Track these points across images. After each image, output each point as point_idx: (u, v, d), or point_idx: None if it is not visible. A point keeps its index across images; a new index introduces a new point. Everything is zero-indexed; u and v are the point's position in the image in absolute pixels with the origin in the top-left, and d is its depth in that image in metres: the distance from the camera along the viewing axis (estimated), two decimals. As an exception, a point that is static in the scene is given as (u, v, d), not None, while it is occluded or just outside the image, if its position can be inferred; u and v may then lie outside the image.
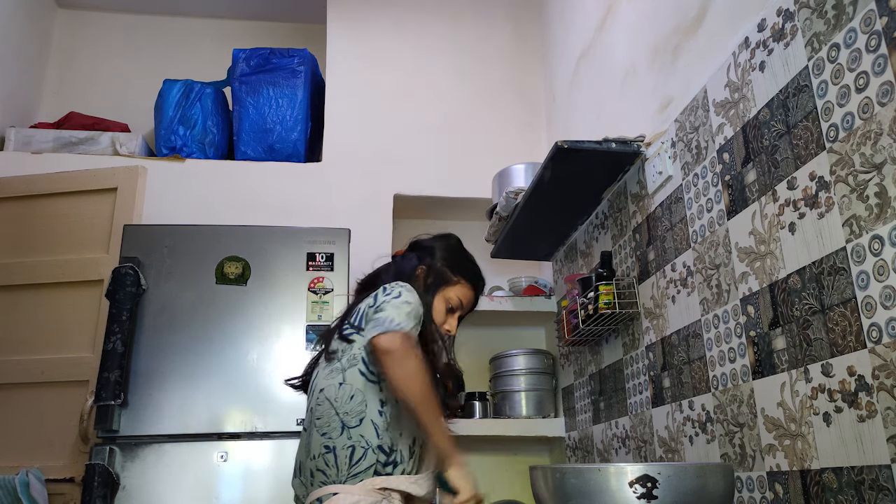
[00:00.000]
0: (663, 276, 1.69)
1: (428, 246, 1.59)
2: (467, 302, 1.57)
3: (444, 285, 1.53)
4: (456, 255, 1.59)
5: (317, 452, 1.34)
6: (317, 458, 1.34)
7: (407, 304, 1.35)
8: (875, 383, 0.99)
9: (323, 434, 1.34)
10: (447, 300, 1.53)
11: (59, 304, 2.40)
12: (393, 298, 1.35)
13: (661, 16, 1.78)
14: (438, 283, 1.52)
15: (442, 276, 1.53)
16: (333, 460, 1.31)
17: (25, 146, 2.78)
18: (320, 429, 1.35)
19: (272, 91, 2.90)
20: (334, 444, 1.32)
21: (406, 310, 1.33)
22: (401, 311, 1.32)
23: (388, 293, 1.38)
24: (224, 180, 2.77)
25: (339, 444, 1.32)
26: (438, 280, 1.53)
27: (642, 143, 1.81)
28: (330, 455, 1.32)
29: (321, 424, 1.35)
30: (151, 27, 3.45)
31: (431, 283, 1.52)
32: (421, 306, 1.39)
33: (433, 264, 1.54)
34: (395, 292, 1.37)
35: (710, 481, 0.99)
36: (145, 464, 2.00)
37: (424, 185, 2.86)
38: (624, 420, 1.92)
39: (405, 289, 1.39)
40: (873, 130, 1.00)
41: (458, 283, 1.55)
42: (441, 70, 3.08)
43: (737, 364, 1.36)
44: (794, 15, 1.20)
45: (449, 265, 1.55)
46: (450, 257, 1.57)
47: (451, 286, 1.54)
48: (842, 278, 1.06)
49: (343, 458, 1.31)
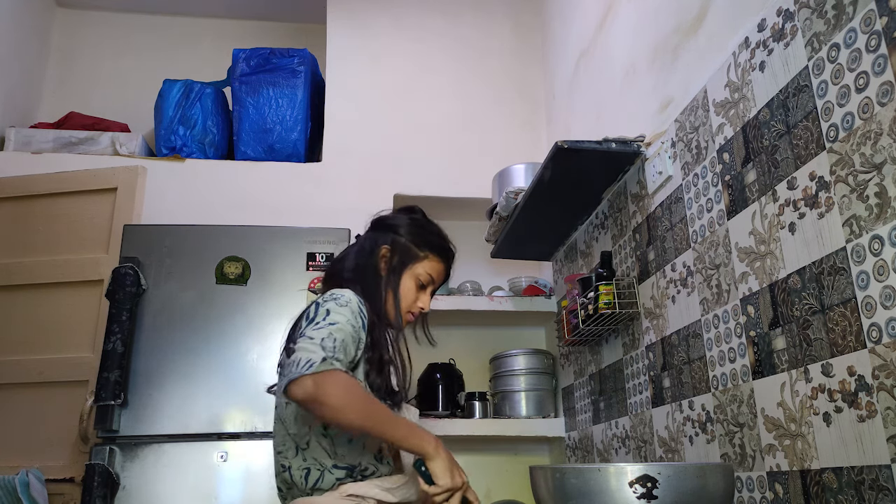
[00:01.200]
0: (663, 276, 1.69)
1: (391, 223, 1.49)
2: (438, 275, 1.48)
3: (411, 262, 1.44)
4: (421, 229, 1.48)
5: (276, 470, 1.29)
6: (278, 476, 1.29)
7: (333, 326, 1.19)
8: (875, 383, 0.99)
9: (279, 453, 1.29)
10: (416, 277, 1.44)
11: (58, 304, 2.40)
12: (320, 322, 1.21)
13: (662, 15, 1.78)
14: (405, 261, 1.43)
15: (408, 253, 1.44)
16: (291, 479, 1.26)
17: (25, 146, 2.78)
18: (276, 447, 1.30)
19: (272, 91, 2.90)
20: (290, 464, 1.26)
21: (327, 336, 1.17)
22: (318, 343, 1.15)
23: (316, 314, 1.24)
24: (224, 180, 2.77)
25: (295, 464, 1.25)
26: (404, 258, 1.43)
27: (642, 143, 1.81)
28: (287, 474, 1.26)
29: (276, 443, 1.30)
30: (151, 27, 3.45)
31: (397, 262, 1.43)
32: (359, 315, 1.26)
33: (397, 241, 1.44)
34: (322, 311, 1.23)
35: (710, 481, 0.99)
36: (145, 464, 2.00)
37: (424, 185, 2.86)
38: (624, 420, 1.92)
39: (337, 302, 1.25)
40: (873, 130, 1.00)
41: (425, 258, 1.45)
42: (441, 70, 3.08)
43: (737, 364, 1.36)
44: (794, 15, 1.20)
45: (414, 240, 1.45)
46: (414, 231, 1.47)
47: (419, 262, 1.44)
48: (842, 278, 1.06)
49: (299, 478, 1.25)
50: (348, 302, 1.27)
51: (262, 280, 2.20)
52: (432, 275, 1.47)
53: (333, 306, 1.24)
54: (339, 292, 1.29)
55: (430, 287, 1.48)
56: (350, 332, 1.22)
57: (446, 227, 3.28)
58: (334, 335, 1.18)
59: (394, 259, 1.43)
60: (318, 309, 1.25)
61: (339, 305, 1.25)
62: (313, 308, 1.27)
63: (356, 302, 1.28)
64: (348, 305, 1.26)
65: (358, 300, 1.29)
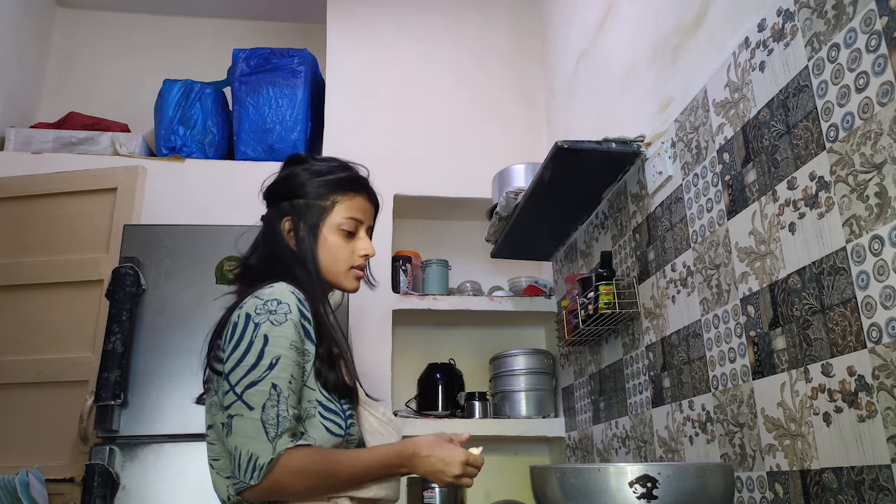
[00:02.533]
0: (663, 276, 1.69)
1: (279, 188, 1.28)
2: (363, 212, 1.27)
3: (322, 218, 1.23)
4: (314, 176, 1.26)
5: (227, 495, 1.10)
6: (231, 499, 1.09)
7: (272, 372, 1.03)
8: (875, 383, 0.99)
9: (228, 477, 1.08)
10: (337, 228, 1.23)
11: (58, 304, 2.40)
12: (257, 367, 1.03)
13: (662, 16, 1.78)
14: (315, 221, 1.22)
15: (313, 210, 1.23)
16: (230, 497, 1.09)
17: (25, 146, 2.78)
18: (222, 471, 1.11)
19: (272, 91, 2.90)
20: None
21: (268, 400, 1.02)
22: (258, 421, 1.00)
23: (250, 342, 1.05)
24: (224, 180, 2.77)
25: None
26: (312, 218, 1.22)
27: (642, 143, 1.81)
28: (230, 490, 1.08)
29: (222, 466, 1.11)
30: (151, 27, 3.45)
31: (305, 228, 1.22)
32: (299, 324, 1.10)
33: (295, 205, 1.23)
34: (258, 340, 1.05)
35: (710, 481, 0.99)
36: (145, 464, 2.00)
37: (424, 185, 2.86)
38: (624, 420, 1.92)
39: (274, 319, 1.07)
40: (873, 130, 1.00)
41: (336, 204, 1.24)
42: (441, 70, 3.08)
43: (737, 364, 1.36)
44: (794, 15, 1.20)
45: (312, 193, 1.24)
46: (309, 183, 1.25)
47: (331, 212, 1.23)
48: (842, 278, 1.06)
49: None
50: (287, 312, 1.08)
51: (262, 280, 2.20)
52: (355, 216, 1.25)
53: (269, 327, 1.06)
54: (270, 294, 1.11)
55: (361, 228, 1.27)
56: (293, 361, 1.07)
57: (446, 227, 3.29)
58: (279, 390, 1.03)
59: (300, 227, 1.22)
60: (250, 331, 1.06)
61: (275, 324, 1.07)
62: (243, 322, 1.08)
63: (294, 303, 1.11)
64: (288, 318, 1.08)
65: (296, 298, 1.12)
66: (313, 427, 1.09)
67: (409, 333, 2.84)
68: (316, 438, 1.08)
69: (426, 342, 2.84)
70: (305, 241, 1.22)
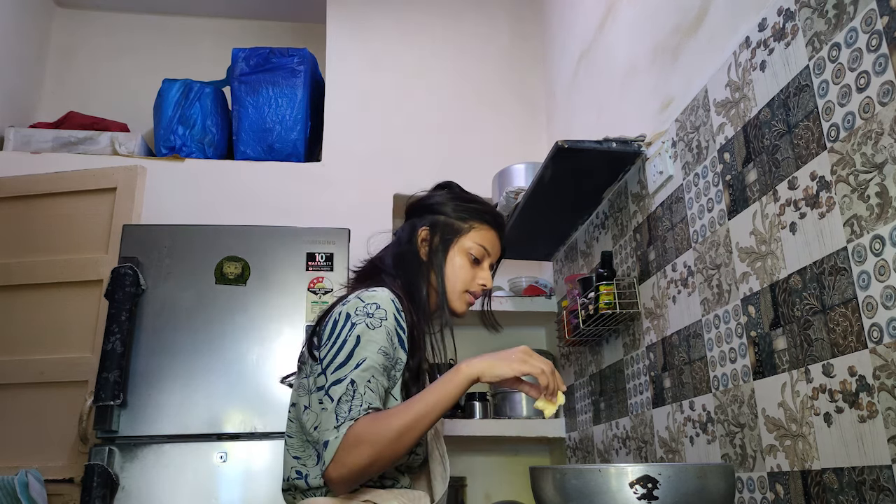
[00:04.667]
0: (664, 276, 1.69)
1: (424, 203, 1.36)
2: (492, 246, 1.34)
3: (456, 237, 1.30)
4: (460, 200, 1.35)
5: (288, 475, 1.19)
6: (288, 479, 1.19)
7: (357, 370, 1.08)
8: (876, 383, 0.99)
9: (296, 458, 1.18)
10: (467, 251, 1.30)
11: (58, 304, 2.40)
12: (345, 364, 1.08)
13: (662, 15, 1.78)
14: (450, 238, 1.30)
15: (450, 228, 1.31)
16: (307, 485, 1.16)
17: (24, 146, 2.77)
18: (292, 449, 1.20)
19: (272, 91, 2.90)
20: (307, 472, 1.17)
21: (345, 393, 1.06)
22: (332, 412, 1.04)
23: (344, 338, 1.10)
24: (223, 180, 2.77)
25: (313, 472, 1.16)
26: (448, 234, 1.30)
27: (643, 143, 1.81)
28: (301, 482, 1.16)
29: (293, 445, 1.20)
30: (151, 27, 3.45)
31: (440, 241, 1.30)
32: (395, 332, 1.14)
33: (436, 220, 1.31)
34: (352, 339, 1.10)
35: (711, 482, 0.99)
36: (145, 464, 1.99)
37: (424, 185, 2.80)
38: (624, 420, 1.92)
39: (370, 322, 1.12)
40: (874, 130, 1.00)
41: (472, 229, 1.32)
42: (441, 70, 3.07)
43: (737, 364, 1.36)
44: (795, 14, 1.20)
45: (455, 213, 1.32)
46: (453, 204, 1.33)
47: (466, 234, 1.31)
48: (843, 278, 1.06)
49: (316, 484, 1.15)
50: (383, 318, 1.13)
51: (262, 280, 2.20)
52: (485, 245, 1.33)
53: (363, 329, 1.11)
54: (371, 298, 1.15)
55: (486, 260, 1.34)
56: (380, 364, 1.10)
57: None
58: (354, 386, 1.06)
59: (435, 239, 1.30)
60: (346, 329, 1.11)
61: (371, 327, 1.11)
62: (343, 320, 1.13)
63: (392, 311, 1.15)
64: (383, 324, 1.12)
65: (395, 307, 1.16)
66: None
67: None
68: None
69: (426, 342, 2.83)
70: (436, 252, 1.30)
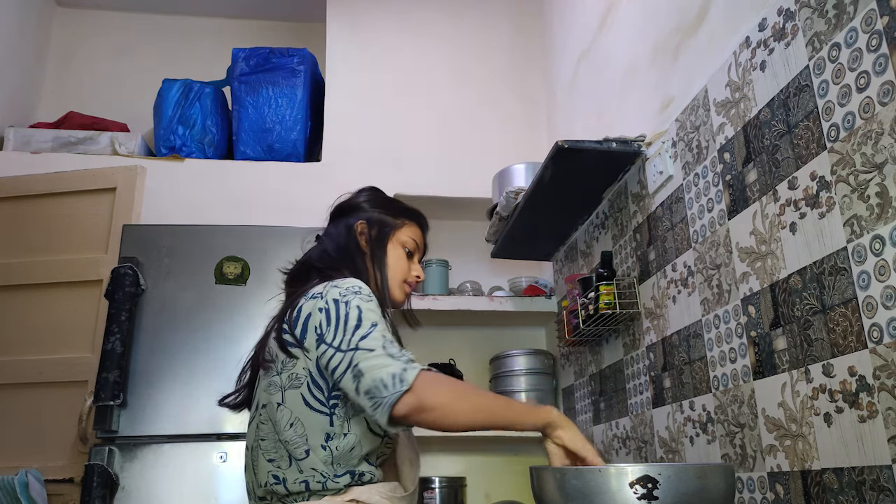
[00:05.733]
0: (664, 276, 1.69)
1: (353, 204, 1.41)
2: (420, 241, 1.41)
3: (391, 230, 1.36)
4: (386, 200, 1.42)
5: (265, 480, 1.16)
6: (266, 486, 1.15)
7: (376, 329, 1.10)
8: (876, 383, 0.99)
9: (270, 461, 1.15)
10: (402, 244, 1.37)
11: (58, 304, 2.40)
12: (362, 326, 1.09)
13: (662, 15, 1.78)
14: (386, 231, 1.36)
15: (384, 222, 1.36)
16: (285, 491, 1.14)
17: (24, 146, 2.77)
18: (266, 452, 1.16)
19: (272, 90, 2.89)
20: (284, 476, 1.13)
21: (382, 340, 1.08)
22: (384, 354, 1.06)
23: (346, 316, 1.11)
24: (223, 180, 2.77)
25: (290, 476, 1.13)
26: (384, 227, 1.36)
27: (643, 143, 1.81)
28: (280, 486, 1.14)
29: (267, 448, 1.16)
30: (151, 26, 3.45)
31: (377, 233, 1.35)
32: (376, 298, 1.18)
33: (370, 216, 1.37)
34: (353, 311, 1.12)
35: (711, 482, 0.99)
36: (144, 464, 2.00)
37: (424, 185, 2.85)
38: (624, 420, 1.92)
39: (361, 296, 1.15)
40: (874, 130, 1.00)
41: (404, 225, 1.38)
42: (441, 69, 3.07)
43: (737, 364, 1.36)
44: (795, 14, 1.20)
45: (384, 211, 1.38)
46: (381, 204, 1.40)
47: (399, 229, 1.37)
48: (843, 278, 1.06)
49: (296, 490, 1.13)
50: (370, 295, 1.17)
51: (262, 280, 2.20)
52: (415, 240, 1.40)
53: (360, 301, 1.13)
54: (347, 283, 1.18)
55: (416, 255, 1.41)
56: (387, 327, 1.14)
57: (446, 227, 3.29)
58: (386, 336, 1.09)
59: (372, 232, 1.35)
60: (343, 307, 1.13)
61: (365, 301, 1.14)
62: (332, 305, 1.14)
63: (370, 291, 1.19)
64: (373, 298, 1.16)
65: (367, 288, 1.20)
66: (358, 423, 1.15)
67: (408, 334, 2.82)
68: (356, 433, 1.14)
69: (426, 342, 2.84)
70: (376, 244, 1.34)
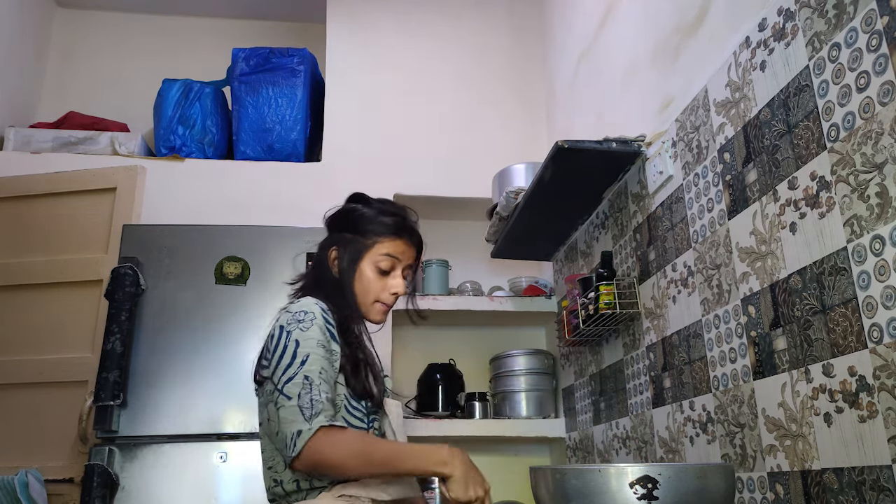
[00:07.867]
0: (664, 276, 1.69)
1: (335, 219, 1.44)
2: (401, 252, 1.39)
3: (361, 254, 1.37)
4: (360, 218, 1.40)
5: (268, 484, 1.28)
6: (269, 490, 1.27)
7: (304, 367, 1.19)
8: (876, 383, 0.99)
9: (269, 468, 1.27)
10: (375, 265, 1.37)
11: (58, 304, 2.40)
12: (291, 365, 1.19)
13: (662, 15, 1.77)
14: (356, 256, 1.37)
15: (356, 246, 1.37)
16: (283, 491, 1.24)
17: (24, 146, 2.77)
18: (265, 462, 1.29)
19: (272, 90, 2.89)
20: (281, 479, 1.24)
21: (302, 387, 1.17)
22: (296, 406, 1.15)
23: (284, 347, 1.22)
24: (223, 180, 2.77)
25: (286, 477, 1.23)
26: (353, 254, 1.37)
27: (643, 143, 1.81)
28: (279, 488, 1.25)
29: (265, 458, 1.29)
30: (151, 27, 3.45)
31: (348, 259, 1.37)
32: (325, 327, 1.25)
33: (343, 238, 1.39)
34: (291, 344, 1.21)
35: (711, 482, 0.99)
36: (144, 464, 1.99)
37: (424, 185, 2.85)
38: (624, 420, 1.92)
39: (302, 325, 1.23)
40: (874, 130, 1.00)
41: (376, 244, 1.37)
42: (441, 69, 3.07)
43: (737, 364, 1.36)
44: (795, 14, 1.20)
45: (358, 231, 1.38)
46: (356, 223, 1.39)
47: (370, 250, 1.37)
48: (843, 278, 1.06)
49: (292, 489, 1.24)
50: (313, 318, 1.24)
51: (262, 280, 2.20)
52: (393, 254, 1.38)
53: (299, 333, 1.22)
54: (298, 307, 1.27)
55: (399, 267, 1.40)
56: (322, 356, 1.22)
57: (446, 227, 3.28)
58: (310, 380, 1.18)
59: (343, 258, 1.38)
60: (283, 338, 1.23)
61: (304, 329, 1.23)
62: (277, 333, 1.25)
63: (318, 312, 1.26)
64: (314, 323, 1.24)
65: (320, 308, 1.27)
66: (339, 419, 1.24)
67: (408, 334, 2.84)
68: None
69: (426, 342, 2.84)
70: (345, 271, 1.37)
